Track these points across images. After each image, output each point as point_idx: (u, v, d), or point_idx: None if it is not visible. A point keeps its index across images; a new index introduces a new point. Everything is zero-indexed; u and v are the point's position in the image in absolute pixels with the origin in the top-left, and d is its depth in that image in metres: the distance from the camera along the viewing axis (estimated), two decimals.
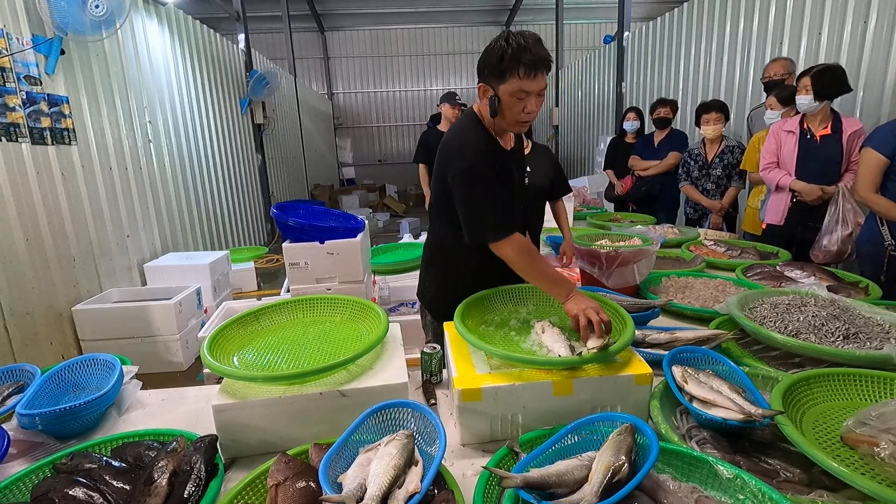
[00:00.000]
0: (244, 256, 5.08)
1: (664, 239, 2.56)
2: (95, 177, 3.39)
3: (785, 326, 1.33)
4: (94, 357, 1.36)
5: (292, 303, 1.45)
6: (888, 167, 2.16)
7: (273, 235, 7.25)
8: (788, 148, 2.69)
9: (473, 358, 1.17)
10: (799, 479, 0.88)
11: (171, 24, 4.68)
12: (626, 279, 1.89)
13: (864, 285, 1.93)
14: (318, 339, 1.30)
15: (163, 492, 0.84)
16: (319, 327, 1.37)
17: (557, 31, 8.97)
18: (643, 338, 1.44)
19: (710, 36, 4.65)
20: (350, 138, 13.13)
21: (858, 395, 1.09)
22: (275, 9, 9.26)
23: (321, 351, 1.23)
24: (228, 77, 6.03)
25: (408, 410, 0.97)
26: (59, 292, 3.01)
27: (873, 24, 3.07)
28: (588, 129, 7.92)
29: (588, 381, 1.07)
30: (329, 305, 1.46)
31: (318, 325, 1.38)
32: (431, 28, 12.35)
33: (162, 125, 4.35)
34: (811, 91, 2.48)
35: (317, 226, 2.54)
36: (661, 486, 0.81)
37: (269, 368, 1.16)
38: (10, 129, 2.69)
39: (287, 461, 0.88)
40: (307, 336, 1.32)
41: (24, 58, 2.83)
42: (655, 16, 5.74)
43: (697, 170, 3.55)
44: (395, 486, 0.77)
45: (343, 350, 1.22)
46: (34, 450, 1.10)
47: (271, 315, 1.41)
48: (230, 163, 5.92)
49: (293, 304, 1.45)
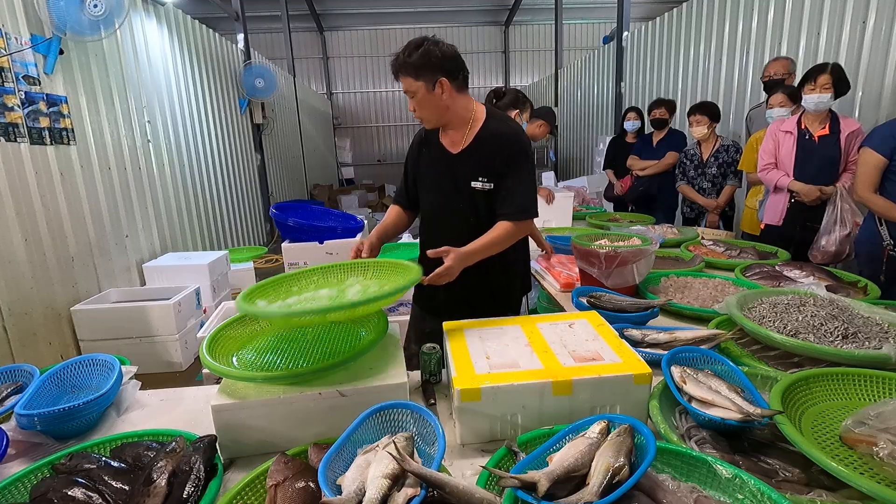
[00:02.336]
0: (243, 256, 5.08)
1: (663, 239, 2.57)
2: (94, 177, 3.39)
3: (784, 326, 1.33)
4: (93, 357, 1.36)
5: None
6: (886, 167, 2.16)
7: (272, 235, 7.25)
8: (787, 148, 2.69)
9: (473, 358, 1.17)
10: (798, 478, 0.88)
11: (170, 23, 4.68)
12: (626, 279, 1.89)
13: (862, 285, 1.93)
14: (318, 340, 1.30)
15: (162, 492, 0.84)
16: (319, 327, 1.37)
17: (557, 31, 8.97)
18: (642, 338, 1.45)
19: (710, 36, 4.65)
20: (349, 138, 13.13)
21: (857, 394, 1.09)
22: (274, 9, 9.26)
23: (320, 351, 1.23)
24: (227, 77, 6.03)
25: (407, 412, 0.97)
26: (57, 292, 3.01)
27: (872, 23, 3.07)
28: (587, 129, 7.92)
29: (587, 381, 1.07)
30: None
31: (318, 325, 1.38)
32: (431, 28, 12.33)
33: (161, 125, 4.35)
34: (832, 89, 2.47)
35: (316, 226, 2.54)
36: (660, 485, 0.81)
37: (268, 369, 1.16)
38: (8, 129, 2.69)
39: (286, 461, 0.88)
40: (307, 336, 1.32)
41: (23, 57, 2.82)
42: (655, 16, 5.74)
43: (693, 169, 3.56)
44: (394, 488, 0.77)
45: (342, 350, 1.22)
46: (33, 450, 1.10)
47: None
48: (229, 163, 5.92)
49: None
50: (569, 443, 0.87)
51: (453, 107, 1.59)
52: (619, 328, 1.44)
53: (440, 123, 1.65)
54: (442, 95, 1.53)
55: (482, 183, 1.62)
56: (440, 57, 1.50)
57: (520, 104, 2.35)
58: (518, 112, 2.34)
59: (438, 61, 1.50)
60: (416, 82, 1.51)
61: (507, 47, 12.66)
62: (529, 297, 3.33)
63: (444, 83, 1.52)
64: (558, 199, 3.41)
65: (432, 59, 1.49)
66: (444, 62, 1.51)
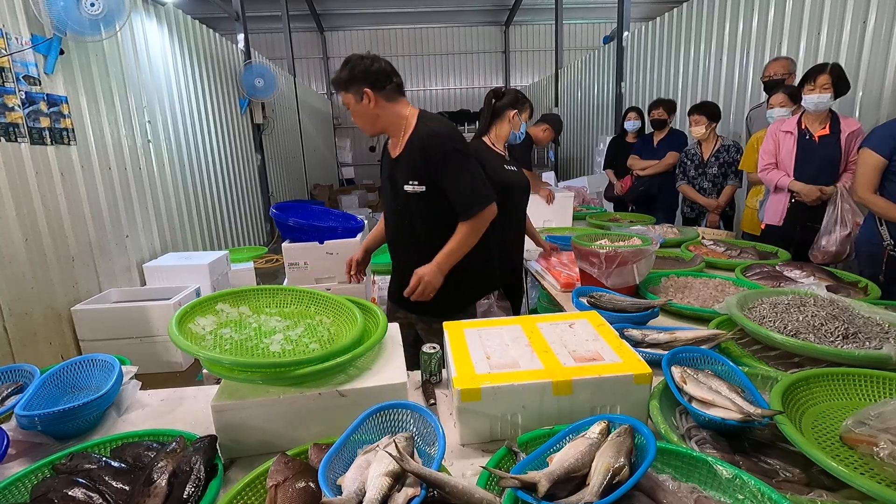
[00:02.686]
0: (243, 256, 5.07)
1: (663, 239, 2.57)
2: (94, 177, 3.39)
3: (784, 326, 1.33)
4: (94, 357, 1.36)
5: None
6: (886, 167, 2.16)
7: (272, 235, 7.25)
8: (787, 148, 2.69)
9: (473, 358, 1.17)
10: (798, 478, 0.88)
11: (170, 24, 4.68)
12: (626, 279, 1.89)
13: (863, 285, 1.93)
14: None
15: (162, 492, 0.84)
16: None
17: (557, 31, 8.96)
18: (643, 338, 1.45)
19: (710, 36, 4.65)
20: (349, 138, 13.12)
21: (857, 394, 1.09)
22: (274, 9, 9.26)
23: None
24: (228, 77, 6.03)
25: (407, 411, 0.97)
26: (58, 292, 3.01)
27: (872, 23, 3.07)
28: (587, 129, 7.92)
29: (587, 381, 1.07)
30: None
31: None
32: (431, 28, 12.35)
33: (161, 125, 4.35)
34: (831, 89, 2.47)
35: (316, 226, 2.54)
36: (660, 486, 0.81)
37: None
38: (8, 129, 2.69)
39: (286, 461, 0.88)
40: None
41: (23, 58, 2.82)
42: (655, 16, 5.74)
43: (694, 169, 3.56)
44: (394, 489, 0.77)
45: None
46: (33, 450, 1.10)
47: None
48: (230, 163, 5.91)
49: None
50: (569, 443, 0.87)
51: (384, 115, 1.72)
52: (619, 328, 1.44)
53: (375, 131, 1.78)
54: (370, 105, 1.68)
55: (413, 186, 1.73)
56: (364, 70, 1.66)
57: (519, 104, 2.35)
58: (517, 112, 2.34)
59: (363, 74, 1.66)
60: (347, 95, 1.70)
61: (507, 47, 12.65)
62: (529, 297, 3.34)
63: (369, 93, 1.66)
64: (558, 199, 3.41)
65: (357, 72, 1.66)
66: (368, 74, 1.66)
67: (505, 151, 2.44)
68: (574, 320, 1.39)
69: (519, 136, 2.40)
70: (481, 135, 2.41)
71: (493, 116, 2.35)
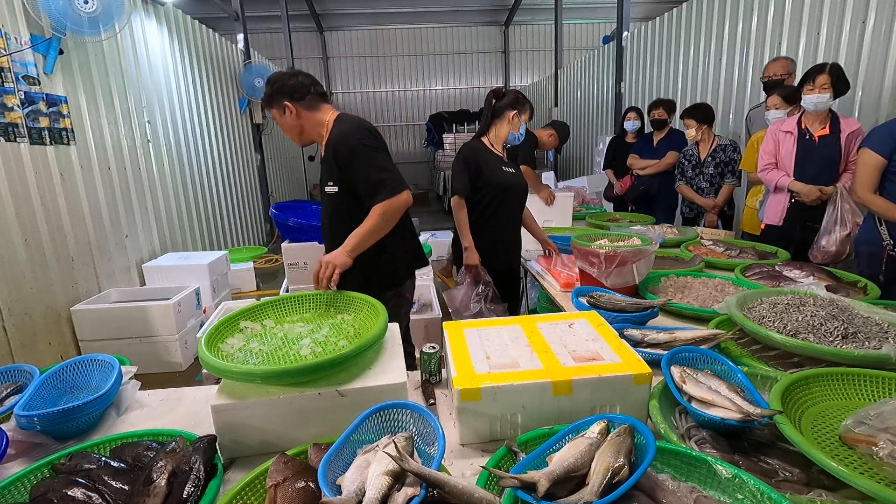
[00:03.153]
0: (243, 256, 5.08)
1: (663, 239, 2.57)
2: (94, 177, 3.39)
3: (784, 326, 1.33)
4: (93, 357, 1.35)
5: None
6: (886, 167, 2.16)
7: (272, 235, 7.25)
8: (787, 148, 2.69)
9: (473, 357, 1.17)
10: (798, 478, 0.88)
11: (169, 23, 4.68)
12: (625, 279, 1.89)
13: (862, 285, 1.93)
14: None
15: (161, 492, 0.84)
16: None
17: (556, 31, 8.96)
18: (642, 337, 1.45)
19: (709, 36, 4.65)
20: None
21: (857, 394, 1.09)
22: (274, 9, 9.24)
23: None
24: (227, 77, 6.03)
25: (407, 411, 0.97)
26: (57, 292, 3.01)
27: (872, 23, 3.07)
28: (587, 129, 7.92)
29: (587, 381, 1.07)
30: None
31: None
32: (430, 28, 12.34)
33: (161, 125, 4.35)
34: (831, 89, 2.47)
35: (316, 226, 2.54)
36: (660, 485, 0.81)
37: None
38: (8, 129, 2.69)
39: (286, 461, 0.88)
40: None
41: (23, 57, 2.82)
42: (654, 16, 5.74)
43: (691, 169, 3.57)
44: (394, 488, 0.77)
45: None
46: (33, 450, 1.10)
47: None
48: (229, 163, 5.92)
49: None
50: (569, 443, 0.87)
51: (307, 124, 1.81)
52: (619, 328, 1.44)
53: (304, 141, 1.88)
54: (292, 116, 1.77)
55: (330, 187, 1.84)
56: (282, 85, 1.74)
57: (519, 105, 2.35)
58: (517, 113, 2.34)
59: (281, 88, 1.74)
60: (273, 110, 1.80)
61: (506, 47, 12.65)
62: (529, 298, 3.34)
63: (290, 106, 1.75)
64: (558, 199, 3.41)
65: (276, 88, 1.75)
66: (286, 88, 1.74)
67: (504, 153, 2.44)
68: (574, 320, 1.39)
69: (518, 137, 2.40)
70: (481, 135, 2.41)
71: (494, 116, 2.36)
